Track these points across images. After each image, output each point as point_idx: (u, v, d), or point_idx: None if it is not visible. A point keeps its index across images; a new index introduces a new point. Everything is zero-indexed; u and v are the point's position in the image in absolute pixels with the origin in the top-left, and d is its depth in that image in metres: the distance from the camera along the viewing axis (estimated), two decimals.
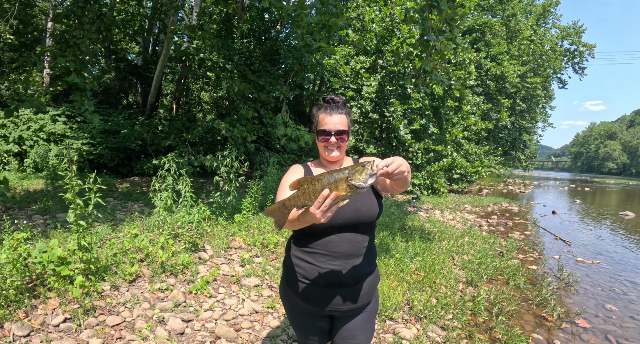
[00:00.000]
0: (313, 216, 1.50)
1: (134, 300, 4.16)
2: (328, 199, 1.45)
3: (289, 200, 1.59)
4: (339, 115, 2.10)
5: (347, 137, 2.14)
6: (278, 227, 1.68)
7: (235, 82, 10.24)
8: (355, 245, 2.01)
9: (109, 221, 7.28)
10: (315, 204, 1.47)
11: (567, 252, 9.18)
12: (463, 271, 6.37)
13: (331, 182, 1.48)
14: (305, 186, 1.54)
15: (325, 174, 1.52)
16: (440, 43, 8.17)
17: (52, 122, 15.88)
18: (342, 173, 1.49)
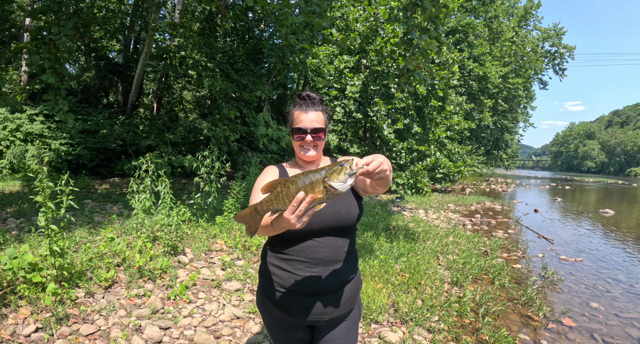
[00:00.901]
0: (287, 221, 1.38)
1: (109, 307, 3.99)
2: (303, 202, 1.33)
3: (261, 204, 1.47)
4: (315, 112, 1.99)
5: (324, 136, 2.02)
6: (250, 234, 1.57)
7: (217, 81, 10.05)
8: (336, 250, 1.90)
9: (87, 223, 7.06)
10: (290, 208, 1.35)
11: (550, 250, 9.23)
12: (448, 271, 6.33)
13: (307, 184, 1.37)
14: (278, 189, 1.42)
15: (300, 175, 1.41)
16: (423, 42, 8.12)
17: (30, 122, 15.38)
18: (318, 174, 1.38)
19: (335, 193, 1.37)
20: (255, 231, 1.56)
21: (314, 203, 1.37)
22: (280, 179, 1.45)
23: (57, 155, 13.97)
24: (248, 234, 1.57)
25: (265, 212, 1.48)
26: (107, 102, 20.98)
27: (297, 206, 1.34)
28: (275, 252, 1.95)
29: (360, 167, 1.38)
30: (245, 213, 1.53)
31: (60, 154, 14.06)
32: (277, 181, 1.44)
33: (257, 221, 1.52)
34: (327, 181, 1.35)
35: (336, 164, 1.40)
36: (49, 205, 3.80)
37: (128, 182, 13.19)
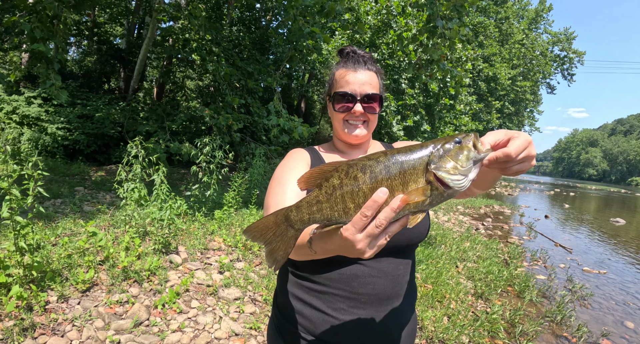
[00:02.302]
0: (349, 243, 0.76)
1: (85, 316, 3.37)
2: (386, 209, 0.72)
3: (299, 210, 0.85)
4: (367, 72, 1.40)
5: (379, 107, 1.42)
6: (275, 264, 0.90)
7: (221, 66, 9.40)
8: (396, 281, 1.29)
9: (74, 213, 6.45)
10: (357, 220, 0.74)
11: (571, 260, 8.66)
12: (471, 281, 5.72)
13: (393, 174, 0.77)
14: (334, 182, 0.80)
15: (377, 157, 0.79)
16: (449, 30, 7.47)
17: (27, 105, 14.79)
18: (414, 155, 0.78)
19: (446, 194, 0.77)
20: (284, 258, 0.89)
21: (405, 211, 0.76)
22: (339, 164, 0.81)
23: (53, 139, 13.40)
24: (271, 265, 0.90)
25: (307, 224, 0.85)
26: (108, 88, 20.38)
27: (373, 216, 0.73)
28: (301, 279, 1.32)
29: (488, 149, 0.79)
30: (268, 224, 0.88)
31: (57, 139, 13.48)
32: (332, 165, 0.81)
33: (289, 239, 0.88)
34: (434, 170, 0.75)
35: (446, 139, 0.79)
36: (13, 192, 3.16)
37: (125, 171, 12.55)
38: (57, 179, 9.82)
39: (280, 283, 1.42)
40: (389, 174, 0.76)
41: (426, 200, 0.76)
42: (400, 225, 0.77)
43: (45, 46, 6.96)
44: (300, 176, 0.83)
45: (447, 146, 0.78)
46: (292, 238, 0.87)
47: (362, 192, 0.77)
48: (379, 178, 0.76)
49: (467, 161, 0.77)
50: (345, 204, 0.79)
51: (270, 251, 0.90)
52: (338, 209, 0.80)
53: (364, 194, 0.77)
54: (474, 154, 0.77)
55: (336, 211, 0.80)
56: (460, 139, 0.79)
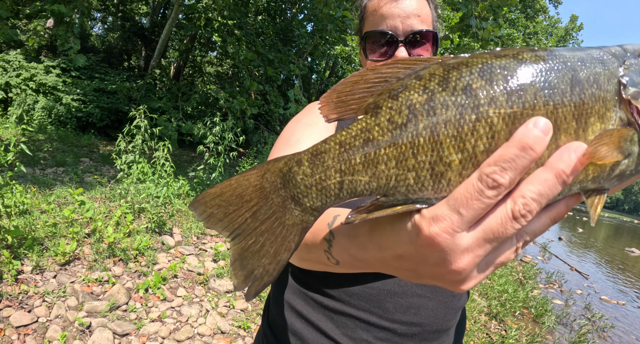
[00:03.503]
0: (436, 252, 0.38)
1: (58, 292, 3.03)
2: (546, 174, 0.37)
3: (317, 162, 0.42)
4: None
5: (434, 51, 1.00)
6: (251, 284, 0.46)
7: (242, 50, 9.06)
8: (451, 304, 0.89)
9: (74, 182, 6.17)
10: (465, 195, 0.37)
11: (588, 286, 8.21)
12: (484, 299, 5.29)
13: (558, 92, 0.39)
14: (411, 100, 0.40)
15: (508, 54, 0.40)
16: (482, 30, 7.05)
17: (45, 73, 14.76)
18: (594, 59, 0.41)
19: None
20: (272, 274, 0.45)
21: (575, 186, 0.40)
22: (419, 61, 0.41)
23: (67, 110, 13.36)
24: (241, 287, 0.46)
25: (331, 199, 0.43)
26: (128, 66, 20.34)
27: (508, 188, 0.36)
28: (305, 286, 0.91)
29: None
30: (242, 189, 0.45)
31: (71, 110, 13.42)
32: (404, 64, 0.40)
33: (287, 232, 0.45)
34: (637, 97, 0.40)
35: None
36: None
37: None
38: (64, 148, 9.64)
39: (275, 287, 1.00)
40: (550, 91, 0.38)
41: (622, 161, 0.40)
42: (550, 221, 0.41)
43: (66, 7, 6.70)
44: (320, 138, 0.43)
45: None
46: (294, 230, 0.45)
47: (485, 124, 0.38)
48: (530, 97, 0.38)
49: None
50: (440, 152, 0.38)
51: (242, 254, 0.46)
52: (418, 166, 0.39)
53: (490, 131, 0.38)
54: None
55: (412, 169, 0.39)
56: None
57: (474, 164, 0.38)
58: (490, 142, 0.38)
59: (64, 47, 7.18)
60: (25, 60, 14.91)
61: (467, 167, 0.38)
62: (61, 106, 13.50)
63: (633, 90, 0.40)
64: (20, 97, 13.41)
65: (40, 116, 13.21)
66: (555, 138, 0.38)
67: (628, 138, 0.39)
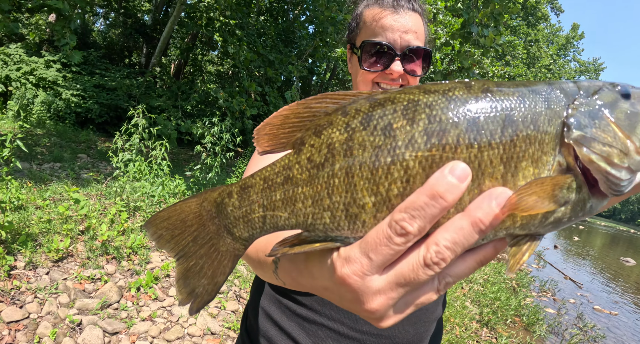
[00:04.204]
0: (350, 292, 0.40)
1: (50, 289, 3.03)
2: (462, 221, 0.35)
3: (245, 195, 0.44)
4: (412, 14, 0.99)
5: (426, 67, 1.02)
6: (193, 300, 0.49)
7: (242, 50, 9.08)
8: (423, 317, 0.90)
9: (71, 178, 6.16)
10: (375, 240, 0.37)
11: (581, 296, 8.22)
12: (476, 306, 5.30)
13: (485, 134, 0.37)
14: (331, 138, 0.40)
15: (439, 90, 0.39)
16: (483, 38, 7.07)
17: (45, 68, 14.71)
18: (534, 97, 0.39)
19: (590, 204, 0.41)
20: (211, 294, 0.48)
21: (500, 232, 0.39)
22: (348, 96, 0.41)
23: (66, 105, 13.31)
24: (185, 303, 0.49)
25: (258, 231, 0.45)
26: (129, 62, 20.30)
27: (420, 234, 0.36)
28: (280, 293, 0.93)
29: None
30: (185, 215, 0.48)
31: (70, 105, 13.38)
32: (333, 98, 0.41)
33: (222, 257, 0.47)
34: (580, 144, 0.38)
35: (599, 84, 0.43)
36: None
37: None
38: (62, 143, 9.62)
39: (253, 294, 1.02)
40: (476, 133, 0.37)
41: (556, 211, 0.38)
42: (476, 264, 0.39)
43: (63, 3, 6.70)
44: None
45: (605, 94, 0.41)
46: (227, 256, 0.47)
47: (400, 168, 0.37)
48: (452, 139, 0.37)
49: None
50: (353, 194, 0.39)
51: (185, 274, 0.48)
52: (332, 206, 0.40)
53: (404, 175, 0.37)
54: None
55: (328, 208, 0.40)
56: (626, 88, 0.41)
57: (388, 208, 0.38)
58: (405, 186, 0.37)
59: (60, 43, 7.17)
60: (26, 54, 14.85)
61: (381, 210, 0.38)
62: (60, 101, 13.47)
63: (577, 133, 0.38)
64: (20, 91, 13.38)
65: (39, 110, 13.18)
66: (479, 183, 0.37)
67: (565, 186, 0.37)
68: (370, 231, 0.37)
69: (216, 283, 0.47)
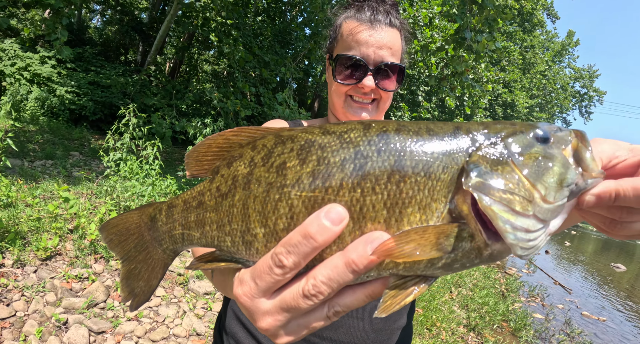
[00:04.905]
0: (245, 309, 0.43)
1: (37, 287, 3.02)
2: (338, 261, 0.38)
3: (171, 213, 0.49)
4: (388, 30, 1.00)
5: (399, 82, 1.03)
6: (132, 298, 0.54)
7: (238, 50, 9.07)
8: (384, 325, 0.92)
9: (62, 176, 6.14)
10: (261, 269, 0.40)
11: (570, 301, 8.28)
12: (464, 310, 5.34)
13: (371, 178, 0.38)
14: (236, 171, 0.44)
15: (338, 131, 0.41)
16: (476, 44, 7.12)
17: (40, 64, 14.60)
18: (431, 143, 0.40)
19: (488, 253, 0.39)
20: (146, 294, 0.53)
21: (385, 272, 0.40)
22: (264, 132, 0.44)
23: (60, 102, 13.22)
24: (126, 301, 0.55)
25: (180, 245, 0.50)
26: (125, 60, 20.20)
27: (297, 267, 0.39)
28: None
29: (601, 172, 0.39)
30: (130, 224, 0.53)
31: (64, 102, 13.29)
32: (249, 133, 0.44)
33: (154, 263, 0.53)
34: (476, 192, 0.37)
35: (515, 126, 0.41)
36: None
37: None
38: (55, 140, 9.57)
39: (225, 298, 1.05)
40: (361, 177, 0.38)
41: (444, 257, 0.38)
42: (365, 298, 0.41)
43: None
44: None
45: (516, 138, 0.40)
46: (159, 264, 0.52)
47: (286, 205, 0.40)
48: (335, 182, 0.38)
49: (559, 188, 0.38)
50: (247, 224, 0.42)
51: (127, 275, 0.53)
52: (232, 232, 0.43)
53: (289, 212, 0.40)
54: (576, 175, 0.39)
55: (229, 234, 0.44)
56: (547, 131, 0.41)
57: (277, 239, 0.40)
58: (290, 222, 0.40)
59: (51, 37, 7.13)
60: (21, 49, 14.73)
61: (270, 241, 0.41)
62: (55, 98, 13.37)
63: (476, 180, 0.37)
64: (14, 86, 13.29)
65: (33, 106, 13.08)
66: (360, 225, 0.38)
67: (451, 234, 0.37)
68: (261, 258, 0.40)
69: (151, 286, 0.53)
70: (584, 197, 0.41)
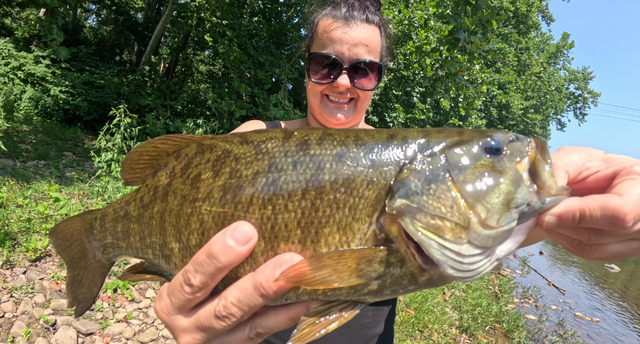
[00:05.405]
0: (165, 324, 0.41)
1: (27, 288, 3.00)
2: (247, 284, 0.35)
3: (104, 222, 0.48)
4: (364, 26, 0.96)
5: (377, 80, 0.99)
6: (76, 304, 0.54)
7: (232, 50, 9.07)
8: (358, 333, 0.89)
9: (54, 176, 6.10)
10: (175, 286, 0.39)
11: (563, 302, 8.30)
12: (457, 312, 5.34)
13: (285, 193, 0.34)
14: (158, 182, 0.42)
15: (256, 139, 0.38)
16: (470, 44, 7.14)
17: (34, 63, 14.51)
18: (356, 155, 0.35)
19: (425, 278, 0.35)
20: (88, 300, 0.53)
21: (303, 296, 0.37)
22: (192, 141, 0.42)
23: (54, 101, 13.15)
24: (71, 305, 0.55)
25: (112, 254, 0.49)
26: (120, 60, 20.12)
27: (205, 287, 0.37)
28: None
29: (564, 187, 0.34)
30: (73, 230, 0.53)
31: (58, 102, 13.22)
32: (177, 141, 0.42)
33: (94, 270, 0.52)
34: (405, 216, 0.33)
35: (462, 135, 0.35)
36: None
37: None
38: (48, 140, 9.51)
39: None
40: (273, 193, 0.35)
41: (370, 284, 0.34)
42: (288, 321, 0.38)
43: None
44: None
45: (461, 149, 0.35)
46: (98, 271, 0.51)
47: (197, 221, 0.37)
48: (246, 198, 0.35)
49: (505, 210, 0.33)
50: (165, 237, 0.40)
51: (71, 281, 0.53)
52: (152, 245, 0.41)
53: (200, 228, 0.37)
54: (529, 193, 0.34)
55: (150, 246, 0.42)
56: (499, 141, 0.36)
57: (191, 255, 0.38)
58: (201, 238, 0.37)
59: (47, 38, 7.08)
60: (15, 49, 14.65)
61: (185, 256, 0.39)
62: (49, 97, 13.30)
63: (401, 202, 0.33)
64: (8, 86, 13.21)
65: (26, 106, 13.01)
66: (272, 245, 0.35)
67: (375, 260, 0.33)
68: (176, 275, 0.38)
69: (92, 293, 0.52)
70: (543, 218, 0.36)
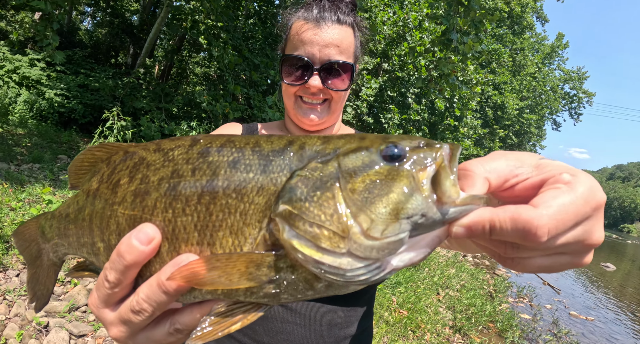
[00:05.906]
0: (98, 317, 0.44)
1: (20, 290, 3.00)
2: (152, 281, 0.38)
3: (52, 222, 0.51)
4: (335, 27, 0.97)
5: (349, 81, 1.00)
6: (35, 300, 0.57)
7: (227, 53, 9.08)
8: (327, 333, 0.89)
9: (48, 180, 6.10)
10: (99, 282, 0.41)
11: (558, 301, 8.34)
12: (450, 312, 5.36)
13: (181, 196, 0.38)
14: (91, 187, 0.45)
15: (166, 147, 0.41)
16: (463, 45, 7.18)
17: (29, 66, 14.48)
18: (244, 160, 0.38)
19: (323, 285, 0.35)
20: (45, 297, 0.56)
21: (206, 295, 0.40)
22: (127, 147, 0.45)
23: (49, 104, 13.13)
24: (32, 302, 0.58)
25: (58, 253, 0.52)
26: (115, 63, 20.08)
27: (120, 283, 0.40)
28: None
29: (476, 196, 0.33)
30: (31, 231, 0.56)
31: (53, 105, 13.19)
32: (111, 148, 0.46)
33: (47, 268, 0.55)
34: (284, 224, 0.34)
35: (349, 140, 0.36)
36: None
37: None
38: (43, 144, 9.49)
39: None
40: (173, 197, 0.37)
41: (264, 287, 0.36)
42: (201, 317, 0.40)
43: (45, 4, 6.62)
44: None
45: (355, 156, 0.35)
46: (51, 269, 0.54)
47: (114, 222, 0.41)
48: (151, 202, 0.38)
49: (393, 220, 0.33)
50: (92, 237, 0.44)
51: (31, 278, 0.57)
52: (85, 244, 0.45)
53: (117, 229, 0.41)
54: (424, 203, 0.33)
55: (83, 245, 0.46)
56: (402, 148, 0.35)
57: (110, 253, 0.42)
58: (118, 238, 0.40)
59: (42, 43, 7.09)
60: (10, 52, 14.61)
61: (109, 254, 0.42)
62: (44, 101, 13.26)
63: (283, 208, 0.33)
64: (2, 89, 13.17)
65: (21, 109, 12.97)
66: (174, 247, 0.38)
67: (263, 264, 0.34)
68: (108, 266, 0.41)
69: (48, 289, 0.56)
70: (451, 228, 0.36)
